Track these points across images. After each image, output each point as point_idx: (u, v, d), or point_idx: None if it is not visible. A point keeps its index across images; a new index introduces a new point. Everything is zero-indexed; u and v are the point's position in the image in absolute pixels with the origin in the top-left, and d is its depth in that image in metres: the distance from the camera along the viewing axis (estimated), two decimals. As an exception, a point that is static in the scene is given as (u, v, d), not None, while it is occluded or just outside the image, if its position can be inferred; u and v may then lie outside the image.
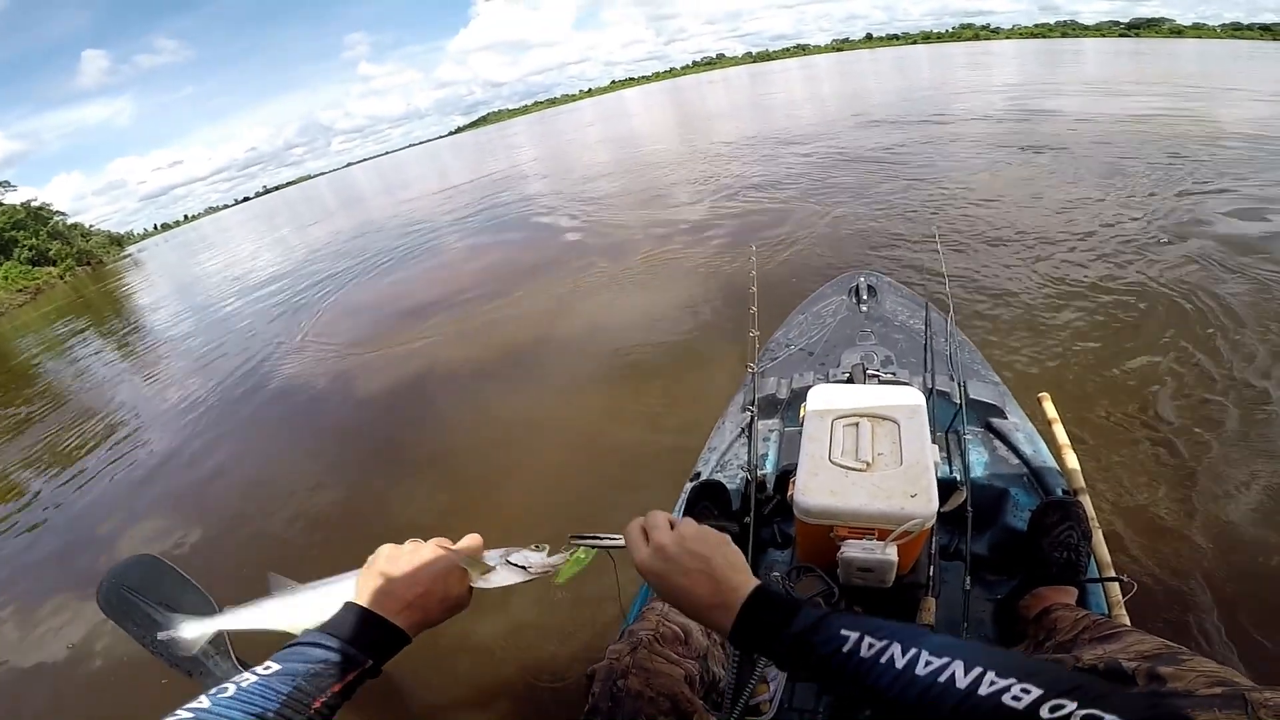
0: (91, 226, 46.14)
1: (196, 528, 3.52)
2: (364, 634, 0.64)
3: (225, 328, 8.41)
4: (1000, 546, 1.46)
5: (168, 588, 1.25)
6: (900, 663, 0.51)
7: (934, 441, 1.24)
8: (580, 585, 2.20)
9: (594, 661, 0.99)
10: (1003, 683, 0.45)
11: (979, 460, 1.64)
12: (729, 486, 1.58)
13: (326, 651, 0.61)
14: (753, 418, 1.76)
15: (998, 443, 1.71)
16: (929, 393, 1.74)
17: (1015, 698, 0.44)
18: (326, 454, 3.99)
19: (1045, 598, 1.21)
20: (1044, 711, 0.42)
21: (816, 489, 1.15)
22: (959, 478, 1.51)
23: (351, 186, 41.58)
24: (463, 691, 2.05)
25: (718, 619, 0.64)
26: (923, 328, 2.10)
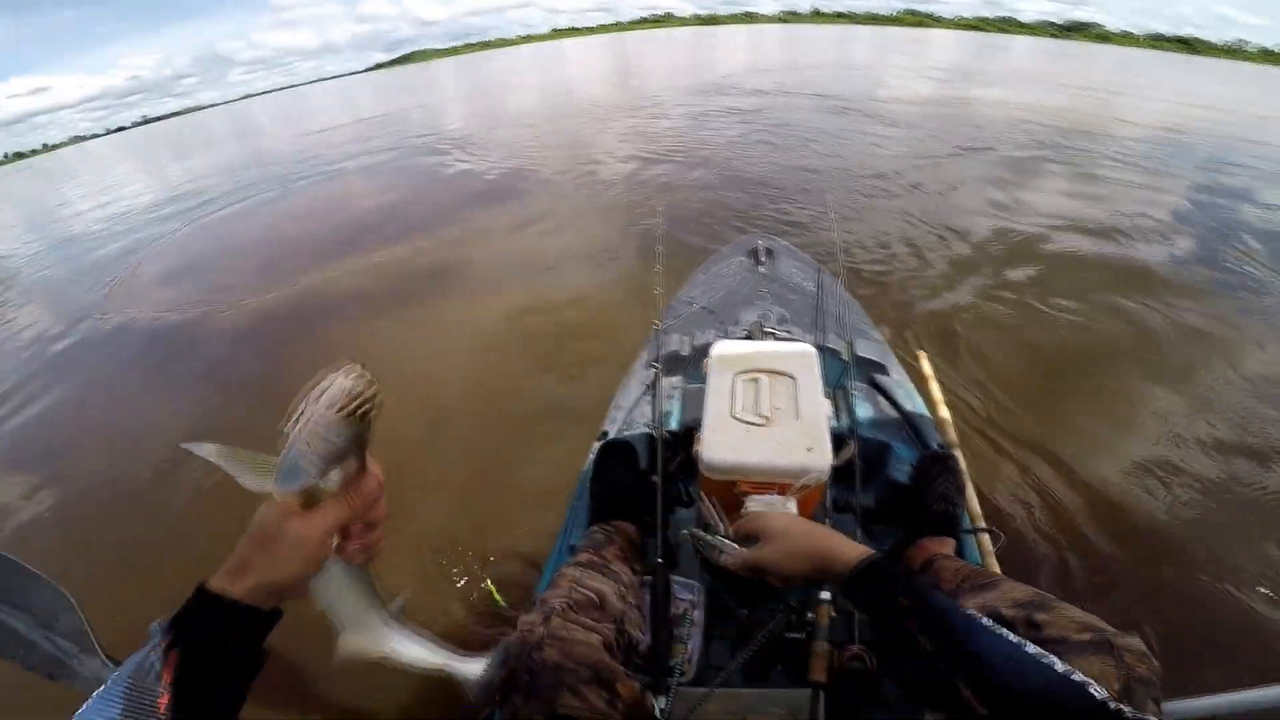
0: (-71, 150, 39.37)
1: (37, 483, 3.12)
2: (184, 611, 0.53)
3: (80, 261, 7.49)
4: (885, 499, 1.53)
5: (8, 583, 1.08)
6: (1012, 639, 0.62)
7: (825, 396, 1.30)
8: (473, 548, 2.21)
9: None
10: (1085, 679, 0.57)
11: (865, 415, 1.71)
12: (636, 445, 1.58)
13: (151, 640, 0.51)
14: (657, 375, 1.79)
15: (881, 398, 1.80)
16: (820, 350, 1.83)
17: (1097, 690, 0.56)
18: (196, 401, 3.69)
19: (927, 549, 1.27)
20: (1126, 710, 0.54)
21: (720, 445, 1.18)
22: (847, 432, 1.55)
23: (246, 120, 37.08)
24: (362, 684, 1.91)
25: (836, 566, 0.80)
26: (815, 289, 2.22)
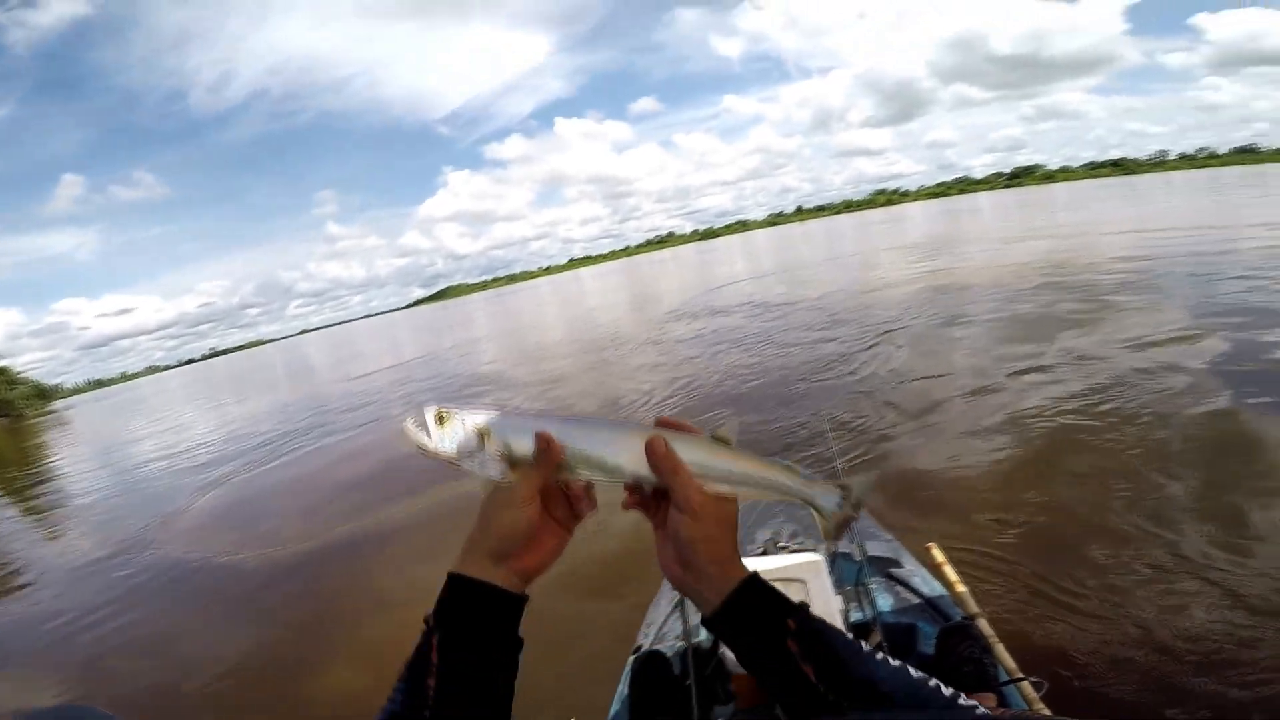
0: (20, 373, 41.82)
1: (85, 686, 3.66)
2: (440, 598, 0.57)
3: (141, 511, 7.81)
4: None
5: None
6: (895, 664, 0.54)
7: (843, 592, 1.54)
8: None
9: None
10: (973, 702, 0.49)
11: (885, 603, 1.92)
12: (668, 655, 1.72)
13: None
14: None
15: (899, 587, 2.03)
16: (833, 556, 2.02)
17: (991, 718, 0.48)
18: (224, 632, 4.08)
19: None
20: None
21: None
22: (871, 620, 1.72)
23: (301, 359, 39.90)
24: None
25: (722, 581, 0.61)
26: None
